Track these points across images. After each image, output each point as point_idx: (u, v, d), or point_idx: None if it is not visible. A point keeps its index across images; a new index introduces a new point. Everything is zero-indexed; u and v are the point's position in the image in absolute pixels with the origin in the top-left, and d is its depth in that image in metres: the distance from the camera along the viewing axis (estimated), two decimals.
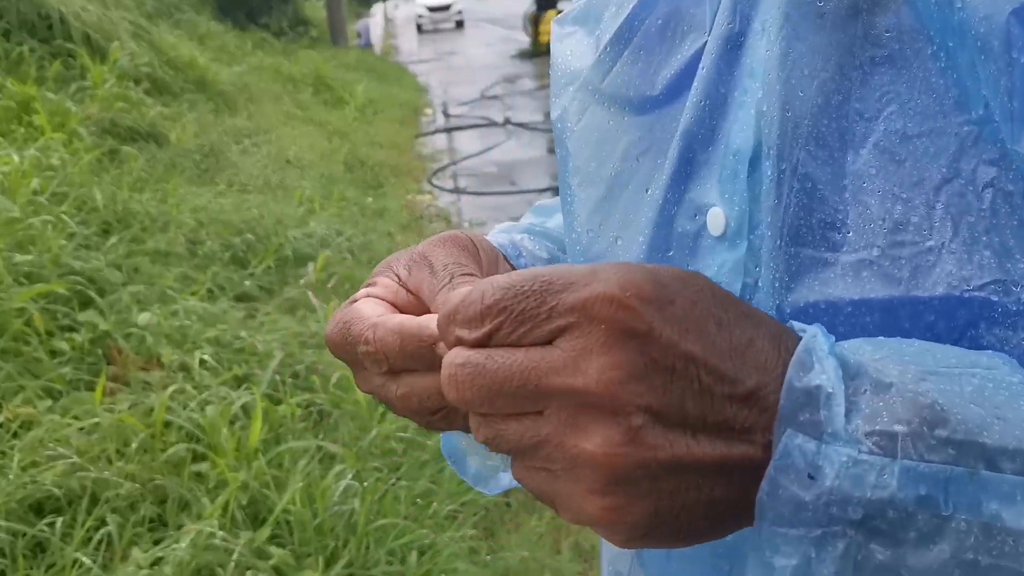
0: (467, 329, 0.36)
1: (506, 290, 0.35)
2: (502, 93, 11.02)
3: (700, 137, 0.45)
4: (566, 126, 0.55)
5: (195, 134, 4.42)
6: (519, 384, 0.34)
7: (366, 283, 0.50)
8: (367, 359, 0.44)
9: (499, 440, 0.36)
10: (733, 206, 0.44)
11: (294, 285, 3.41)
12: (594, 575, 2.37)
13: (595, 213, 0.53)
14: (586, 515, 0.35)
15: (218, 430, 2.13)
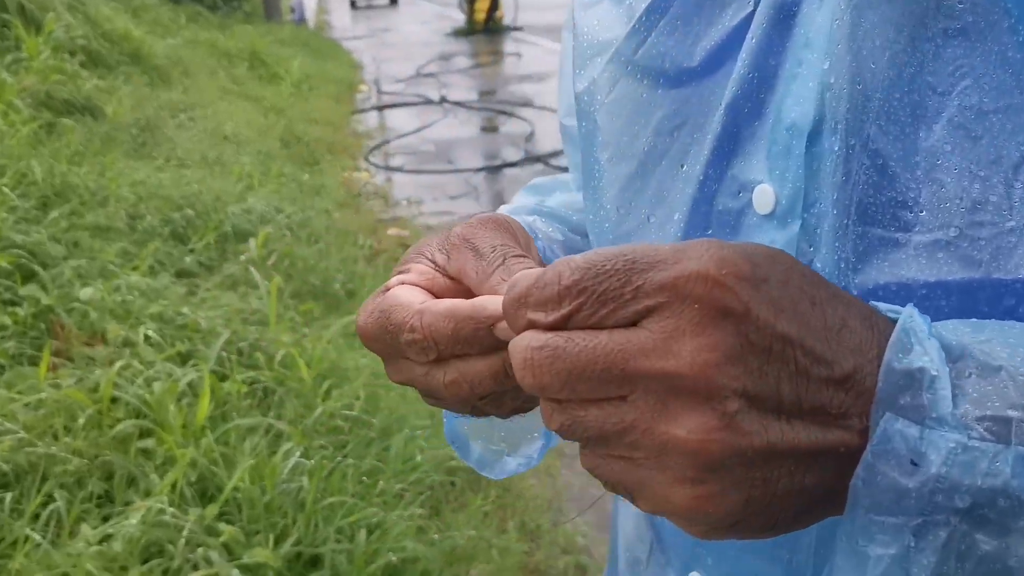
0: (542, 311, 0.34)
1: (585, 270, 0.33)
2: (437, 71, 10.96)
3: (746, 111, 0.44)
4: (595, 99, 0.53)
5: (131, 108, 4.33)
6: (603, 367, 0.33)
7: (396, 269, 0.48)
8: (412, 347, 0.42)
9: (576, 427, 0.34)
10: (785, 183, 0.42)
11: (234, 262, 3.39)
12: (540, 555, 2.44)
13: (626, 189, 0.51)
14: (671, 505, 0.33)
15: (165, 407, 2.13)
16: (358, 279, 3.85)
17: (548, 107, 8.24)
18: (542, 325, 0.34)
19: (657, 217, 0.49)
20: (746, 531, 0.34)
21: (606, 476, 0.35)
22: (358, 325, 0.46)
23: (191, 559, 1.80)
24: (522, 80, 10.05)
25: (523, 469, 0.60)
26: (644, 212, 0.50)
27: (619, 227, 0.52)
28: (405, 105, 8.78)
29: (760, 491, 0.33)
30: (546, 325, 0.34)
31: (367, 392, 2.66)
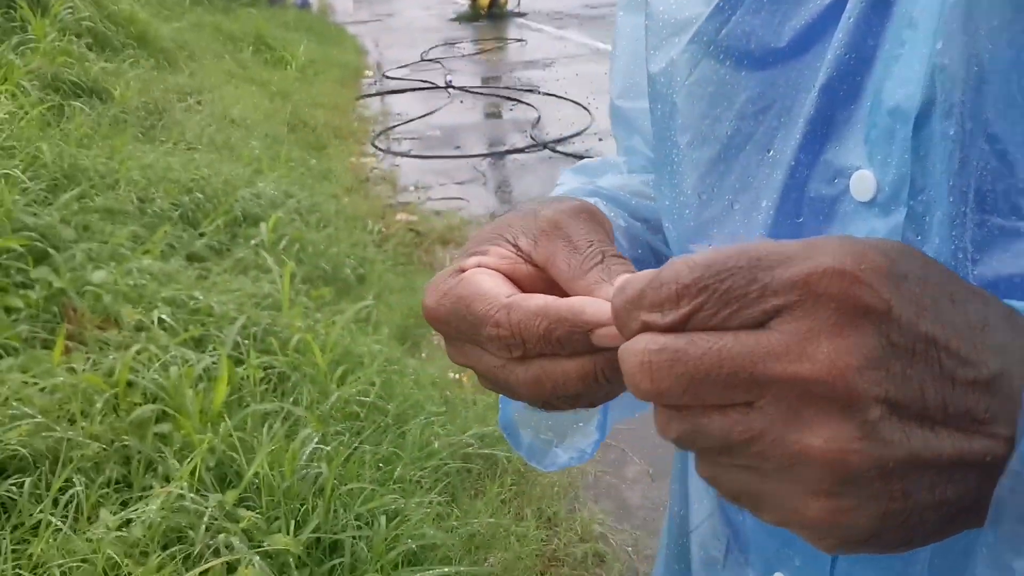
0: (658, 312, 0.32)
1: (705, 267, 0.31)
2: (442, 56, 10.90)
3: (841, 94, 0.42)
4: (673, 80, 0.51)
5: (139, 91, 4.28)
6: (730, 371, 0.30)
7: (472, 250, 0.46)
8: (495, 342, 0.40)
9: (697, 435, 0.32)
10: (887, 169, 0.40)
11: (245, 246, 3.36)
12: (558, 542, 2.42)
13: (708, 175, 0.49)
14: (802, 518, 0.31)
15: (182, 392, 2.10)
16: (368, 264, 3.83)
17: (554, 93, 8.19)
18: (659, 327, 0.32)
19: (742, 204, 0.47)
20: (881, 546, 0.32)
21: (727, 486, 0.34)
22: (426, 305, 0.44)
23: (211, 545, 1.78)
24: (527, 66, 10.00)
25: (575, 463, 0.58)
26: (727, 199, 0.48)
27: (700, 214, 0.50)
28: (411, 90, 8.73)
29: (899, 504, 0.31)
30: (663, 327, 0.32)
31: (382, 378, 2.64)
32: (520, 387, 0.41)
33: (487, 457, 2.67)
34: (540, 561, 2.35)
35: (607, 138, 6.59)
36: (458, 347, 0.44)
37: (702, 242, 0.50)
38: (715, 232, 0.49)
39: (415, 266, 4.22)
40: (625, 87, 0.68)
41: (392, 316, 3.39)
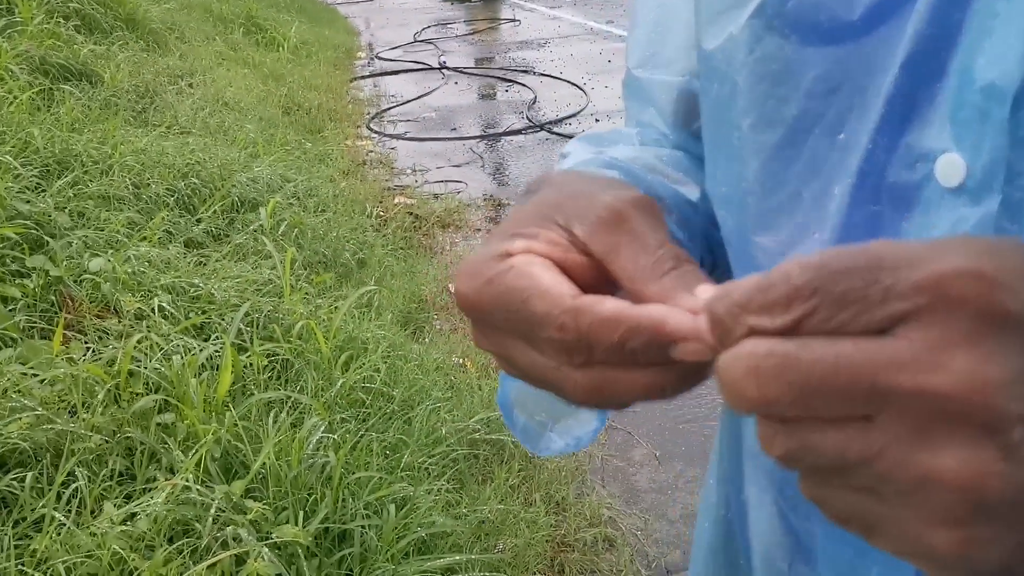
0: (767, 316, 0.29)
1: (819, 267, 0.28)
2: (435, 37, 10.80)
3: (924, 72, 0.38)
4: (733, 58, 0.47)
5: (129, 74, 4.20)
6: (848, 380, 0.27)
7: (516, 231, 0.41)
8: (555, 345, 0.36)
9: (807, 453, 0.29)
10: (979, 152, 0.37)
11: (243, 231, 3.30)
12: (568, 527, 2.39)
13: (773, 160, 0.45)
14: (926, 549, 0.28)
15: (185, 381, 2.06)
16: (368, 249, 3.78)
17: (550, 74, 8.12)
18: (768, 331, 0.29)
19: (811, 191, 0.44)
20: None
21: (837, 510, 0.30)
22: (461, 292, 0.39)
23: (219, 537, 1.74)
24: (521, 47, 9.92)
25: (571, 450, 0.54)
26: (794, 185, 0.44)
27: (765, 202, 0.46)
28: (404, 72, 8.64)
29: None
30: (773, 331, 0.29)
31: (386, 364, 2.60)
32: (574, 391, 0.37)
33: (494, 442, 2.64)
34: (550, 547, 2.32)
35: (604, 119, 6.53)
36: (494, 337, 0.40)
37: (767, 233, 0.47)
38: (782, 222, 0.46)
39: (415, 250, 4.17)
40: (644, 57, 0.64)
41: (394, 301, 3.34)
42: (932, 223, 0.39)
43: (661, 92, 0.62)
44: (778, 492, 0.52)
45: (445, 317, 3.51)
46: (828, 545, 0.48)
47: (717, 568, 0.65)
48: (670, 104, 0.62)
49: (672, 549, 2.38)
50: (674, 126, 0.63)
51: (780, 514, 0.53)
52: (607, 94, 7.25)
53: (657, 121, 0.64)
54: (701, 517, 0.70)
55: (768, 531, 0.54)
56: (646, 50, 0.64)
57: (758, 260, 0.47)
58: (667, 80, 0.62)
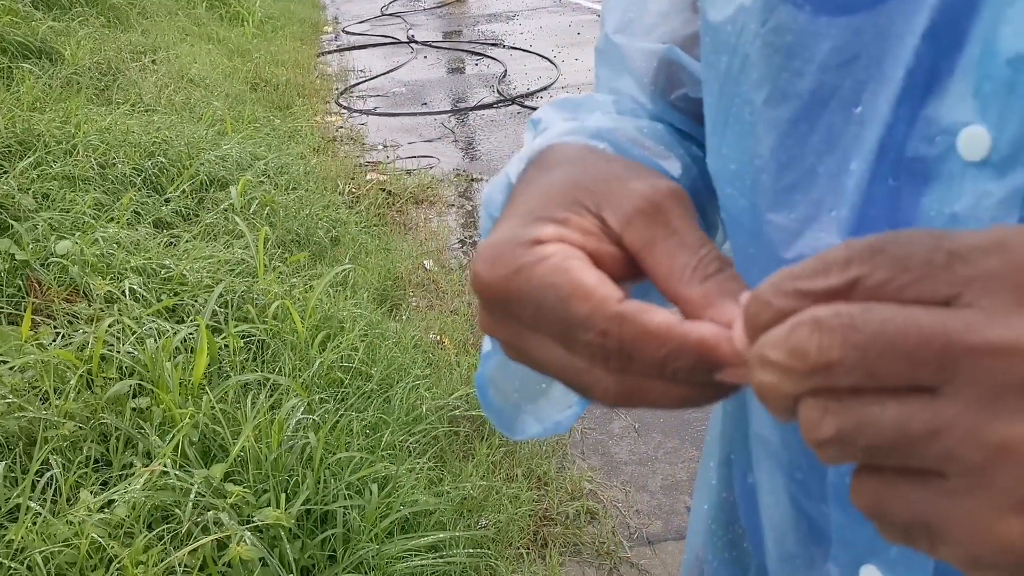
0: (823, 278, 0.28)
1: (878, 238, 0.28)
2: (402, 10, 10.67)
3: (945, 41, 0.37)
4: (744, 29, 0.45)
5: (90, 51, 4.10)
6: (918, 344, 0.26)
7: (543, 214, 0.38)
8: (592, 350, 0.34)
9: (864, 431, 0.27)
10: (1005, 125, 0.35)
11: (213, 210, 3.25)
12: (550, 501, 2.39)
13: (788, 135, 0.44)
14: (998, 541, 0.26)
15: (160, 365, 2.02)
16: (341, 226, 3.73)
17: (519, 47, 8.05)
18: (820, 292, 0.28)
19: (827, 167, 0.42)
20: None
21: (895, 514, 0.28)
22: (482, 277, 0.37)
23: (200, 522, 1.71)
24: (490, 20, 9.82)
25: (549, 434, 0.52)
26: (810, 161, 0.43)
27: (780, 179, 0.44)
28: (372, 46, 8.53)
29: None
30: (826, 290, 0.28)
31: (364, 343, 2.57)
32: (603, 394, 0.36)
33: (474, 419, 2.63)
34: (533, 521, 2.32)
35: (575, 92, 6.49)
36: (509, 326, 0.38)
37: (781, 211, 0.45)
38: (797, 199, 0.44)
39: (389, 227, 4.13)
40: (623, 22, 0.61)
41: (369, 278, 3.31)
42: (954, 197, 0.37)
43: (640, 59, 0.59)
44: (788, 477, 0.51)
45: (421, 294, 3.49)
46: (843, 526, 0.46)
47: (717, 550, 0.64)
48: (649, 73, 0.59)
49: (653, 520, 2.39)
50: (652, 95, 0.60)
51: (791, 498, 0.51)
52: (577, 67, 7.20)
53: (633, 89, 0.61)
54: (699, 498, 0.68)
55: (779, 515, 0.53)
56: (624, 15, 0.61)
57: (772, 238, 0.46)
58: (647, 47, 0.59)
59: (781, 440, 0.51)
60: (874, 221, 0.41)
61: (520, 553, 2.20)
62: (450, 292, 3.47)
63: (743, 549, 0.61)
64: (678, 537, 2.32)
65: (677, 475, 2.56)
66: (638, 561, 2.23)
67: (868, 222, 0.41)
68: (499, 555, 2.15)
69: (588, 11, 9.66)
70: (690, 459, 2.62)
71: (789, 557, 0.52)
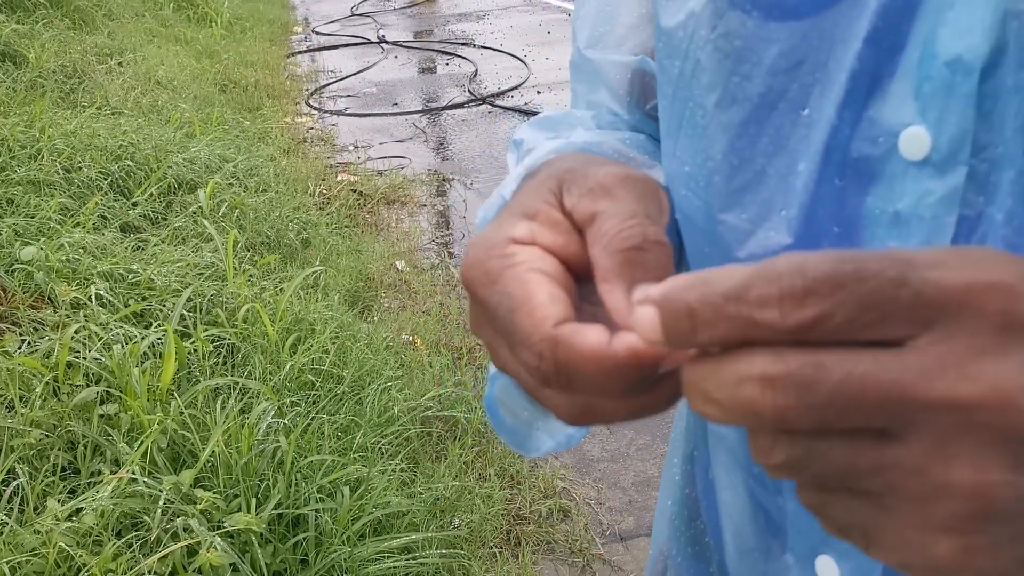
0: (775, 311, 0.26)
1: (840, 262, 0.26)
2: (372, 10, 10.63)
3: (886, 45, 0.38)
4: (695, 35, 0.47)
5: (55, 53, 4.05)
6: (877, 400, 0.26)
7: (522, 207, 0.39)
8: (533, 373, 0.34)
9: (811, 462, 0.28)
10: (944, 125, 0.37)
11: (182, 214, 3.23)
12: (522, 500, 2.40)
13: (739, 137, 0.45)
14: (927, 558, 0.28)
15: (127, 371, 2.01)
16: (312, 228, 3.72)
17: (490, 47, 8.05)
18: (780, 329, 0.26)
19: (776, 168, 0.43)
20: None
21: (836, 518, 0.29)
22: (464, 271, 0.38)
23: (169, 529, 1.70)
24: (460, 19, 9.81)
25: (563, 448, 0.53)
26: (760, 163, 0.44)
27: (731, 180, 0.46)
28: (342, 46, 8.49)
29: None
30: (787, 329, 0.26)
31: (335, 345, 2.57)
32: (557, 412, 0.36)
33: (447, 419, 2.63)
34: (506, 520, 2.33)
35: (545, 91, 6.50)
36: (486, 330, 0.38)
37: (733, 211, 0.46)
38: (748, 199, 0.45)
39: (360, 228, 4.11)
40: (594, 36, 0.62)
41: (341, 280, 3.30)
42: (897, 196, 0.39)
43: (614, 72, 0.61)
44: (746, 472, 0.52)
45: (393, 295, 3.48)
46: (798, 520, 0.48)
47: (681, 546, 0.65)
48: (624, 84, 0.61)
49: (626, 516, 2.40)
50: (629, 107, 0.61)
51: (749, 492, 0.52)
52: (548, 66, 7.21)
53: (610, 102, 0.62)
54: (664, 494, 0.69)
55: (738, 510, 0.54)
56: (595, 29, 0.62)
57: (725, 238, 0.47)
58: (620, 60, 0.60)
59: (737, 437, 0.53)
60: (822, 220, 0.42)
61: (493, 552, 2.21)
62: (422, 293, 3.47)
63: (705, 544, 0.62)
64: (650, 533, 2.34)
65: (649, 471, 2.58)
66: (611, 558, 2.25)
67: (816, 221, 0.42)
68: (472, 555, 2.15)
69: (558, 10, 9.68)
70: (661, 455, 2.64)
71: (747, 550, 0.53)
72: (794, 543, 0.48)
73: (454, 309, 3.35)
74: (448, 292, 3.53)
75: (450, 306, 3.37)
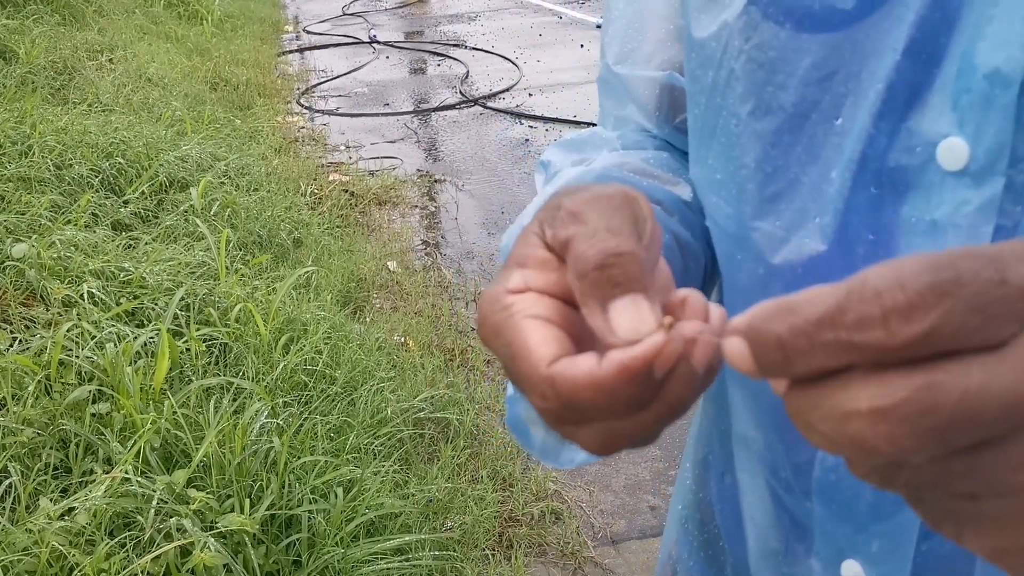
0: (881, 330, 0.24)
1: (937, 270, 0.24)
2: (363, 10, 10.61)
3: (924, 57, 0.39)
4: (729, 45, 0.48)
5: (46, 49, 4.03)
6: (998, 410, 0.24)
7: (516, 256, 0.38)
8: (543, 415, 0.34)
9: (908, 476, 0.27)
10: (982, 136, 0.37)
11: (173, 212, 3.21)
12: (515, 502, 2.40)
13: (774, 146, 0.46)
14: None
15: (120, 370, 1.99)
16: (304, 228, 3.71)
17: (481, 48, 8.06)
18: (889, 348, 0.24)
19: (810, 176, 0.44)
20: None
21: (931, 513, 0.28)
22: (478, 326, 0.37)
23: (162, 529, 1.69)
24: (452, 20, 9.81)
25: (595, 459, 0.51)
26: (794, 171, 0.45)
27: (765, 188, 0.46)
28: (333, 46, 8.48)
29: None
30: (896, 348, 0.24)
31: (328, 345, 2.56)
32: (585, 445, 0.35)
33: (439, 421, 2.63)
34: (498, 523, 2.33)
35: (537, 93, 6.51)
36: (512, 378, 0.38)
37: (767, 219, 0.47)
38: (782, 207, 0.46)
39: (352, 228, 4.11)
40: (623, 52, 0.63)
41: (332, 280, 3.29)
42: (933, 206, 0.39)
43: (643, 87, 0.61)
44: (770, 474, 0.52)
45: (385, 296, 3.48)
46: (826, 522, 0.48)
47: (692, 549, 0.65)
48: (653, 99, 0.62)
49: (617, 519, 2.41)
50: (658, 121, 0.62)
51: (773, 496, 0.53)
52: (539, 68, 7.22)
53: (639, 116, 0.63)
54: (676, 498, 0.70)
55: (761, 514, 0.54)
56: (624, 45, 0.63)
57: (759, 245, 0.48)
58: (649, 75, 0.61)
59: (764, 440, 0.53)
60: (856, 228, 0.42)
61: (486, 555, 2.21)
62: (414, 294, 3.46)
63: (719, 548, 0.62)
64: (641, 536, 2.34)
65: (640, 475, 2.58)
66: (602, 560, 2.25)
67: (851, 228, 0.43)
68: (465, 557, 2.15)
69: (549, 13, 9.69)
70: (653, 459, 2.64)
71: (771, 553, 0.54)
72: (820, 547, 0.49)
73: (446, 310, 3.35)
74: (440, 293, 3.53)
75: (442, 307, 3.37)
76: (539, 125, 5.77)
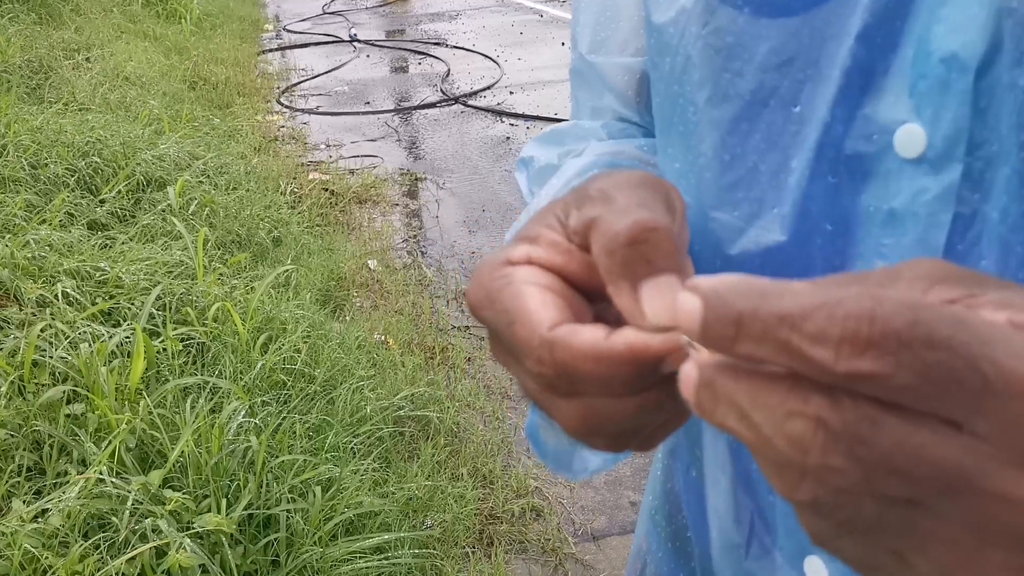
0: (831, 352, 0.24)
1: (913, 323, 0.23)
2: (344, 9, 10.57)
3: (879, 42, 0.38)
4: (686, 31, 0.46)
5: (21, 48, 3.99)
6: (928, 474, 0.24)
7: (523, 233, 0.38)
8: (536, 379, 0.34)
9: (838, 509, 0.26)
10: (939, 123, 0.36)
11: (151, 211, 3.19)
12: (495, 499, 2.39)
13: (731, 134, 0.44)
14: None
15: (94, 370, 1.98)
16: (283, 226, 3.69)
17: (462, 47, 8.04)
18: (830, 372, 0.24)
19: (768, 165, 0.43)
20: None
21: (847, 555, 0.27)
22: (468, 297, 0.37)
23: (137, 530, 1.68)
24: (432, 19, 9.79)
25: (610, 465, 0.52)
26: (752, 160, 0.44)
27: (723, 177, 0.45)
28: (314, 44, 8.44)
29: None
30: (836, 374, 0.24)
31: (307, 344, 2.55)
32: (564, 421, 0.35)
33: (419, 419, 2.62)
34: (479, 520, 2.32)
35: (518, 91, 6.50)
36: (499, 351, 0.37)
37: (725, 209, 0.46)
38: (740, 197, 0.45)
39: (332, 227, 4.09)
40: (596, 41, 0.61)
41: (312, 279, 3.28)
42: (891, 194, 0.39)
43: (620, 75, 0.60)
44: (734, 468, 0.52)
45: (365, 294, 3.46)
46: (789, 516, 0.47)
47: (660, 541, 0.65)
48: (632, 87, 0.60)
49: (598, 515, 2.41)
50: (639, 109, 0.61)
51: (739, 488, 0.52)
52: (520, 66, 7.22)
53: (617, 106, 0.62)
54: (647, 490, 0.69)
55: (724, 505, 0.54)
56: (597, 34, 0.61)
57: (717, 235, 0.47)
58: (625, 62, 0.60)
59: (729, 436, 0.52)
60: (815, 218, 0.42)
61: (466, 552, 2.20)
62: (395, 292, 3.45)
63: (686, 539, 0.61)
64: (622, 532, 2.34)
65: (621, 471, 2.58)
66: (583, 557, 2.25)
67: (809, 218, 0.42)
68: (445, 555, 2.14)
69: (530, 11, 9.69)
70: (633, 455, 2.64)
71: (733, 546, 0.53)
72: (783, 542, 0.48)
73: (426, 309, 3.34)
74: (420, 292, 3.52)
75: (423, 306, 3.36)
76: (520, 123, 5.77)
